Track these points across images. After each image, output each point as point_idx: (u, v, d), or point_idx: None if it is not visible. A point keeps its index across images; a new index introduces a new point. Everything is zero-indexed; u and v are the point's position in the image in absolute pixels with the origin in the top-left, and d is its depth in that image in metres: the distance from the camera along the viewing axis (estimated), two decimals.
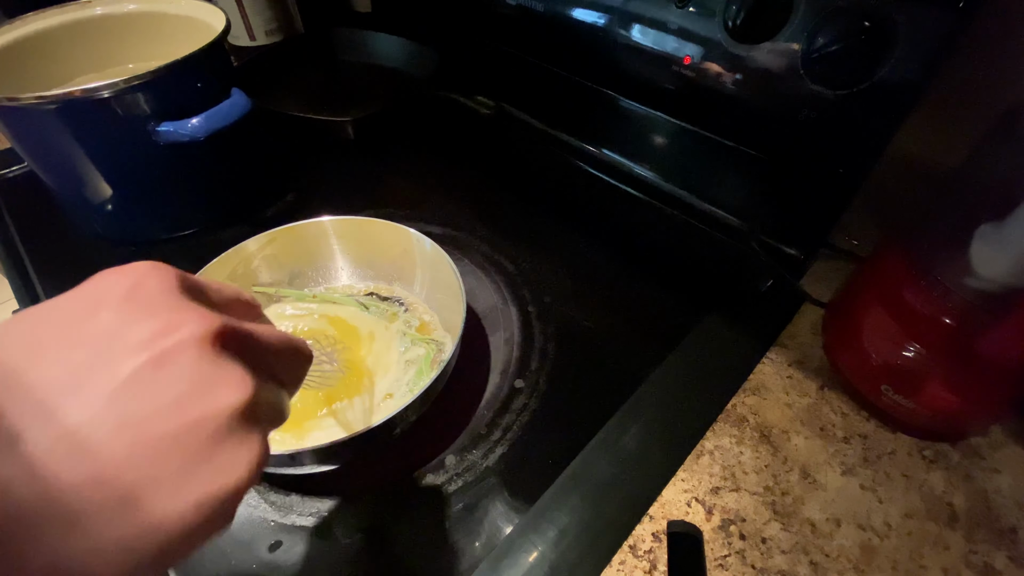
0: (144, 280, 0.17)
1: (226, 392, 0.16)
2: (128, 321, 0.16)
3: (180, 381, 0.15)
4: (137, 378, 0.15)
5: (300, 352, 0.22)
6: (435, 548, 0.34)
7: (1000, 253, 0.31)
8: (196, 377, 0.16)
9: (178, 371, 0.15)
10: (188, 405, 0.15)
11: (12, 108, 0.43)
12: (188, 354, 0.16)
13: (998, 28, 0.39)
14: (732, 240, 0.55)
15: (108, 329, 0.16)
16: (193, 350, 0.16)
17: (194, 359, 0.16)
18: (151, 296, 0.17)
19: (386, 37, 0.81)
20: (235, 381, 0.17)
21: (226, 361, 0.17)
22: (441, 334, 0.44)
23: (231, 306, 0.21)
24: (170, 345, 0.16)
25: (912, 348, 0.36)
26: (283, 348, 0.20)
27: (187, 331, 0.16)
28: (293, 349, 0.21)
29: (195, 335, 0.16)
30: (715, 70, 0.48)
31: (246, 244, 0.44)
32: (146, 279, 0.17)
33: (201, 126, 0.47)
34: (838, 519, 0.35)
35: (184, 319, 0.16)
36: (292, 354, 0.21)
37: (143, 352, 0.15)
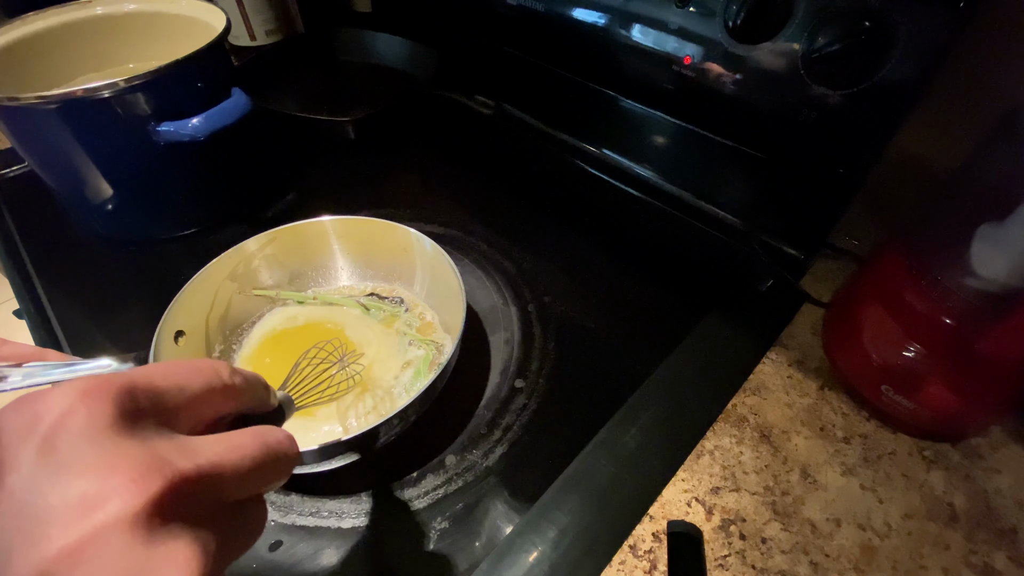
0: (66, 420, 0.13)
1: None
2: (44, 487, 0.13)
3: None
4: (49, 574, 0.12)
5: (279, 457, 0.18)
6: (435, 548, 0.34)
7: (1000, 253, 0.31)
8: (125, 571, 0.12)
9: (101, 568, 0.12)
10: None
11: (13, 108, 0.43)
12: (112, 544, 0.12)
13: (998, 28, 0.39)
14: (732, 240, 0.55)
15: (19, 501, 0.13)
16: (118, 537, 0.13)
17: (122, 549, 0.13)
18: (73, 444, 0.13)
19: (386, 37, 0.81)
20: (176, 566, 0.13)
21: (165, 542, 0.13)
22: (441, 335, 0.44)
23: (199, 402, 0.17)
24: (91, 530, 0.12)
25: (912, 348, 0.36)
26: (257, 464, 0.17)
27: (113, 509, 0.13)
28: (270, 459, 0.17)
29: (122, 514, 0.13)
30: (715, 70, 0.48)
31: (246, 244, 0.44)
32: (69, 417, 0.13)
33: (201, 126, 0.47)
34: (838, 519, 0.35)
35: (112, 484, 0.13)
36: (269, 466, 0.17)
37: (56, 543, 0.12)
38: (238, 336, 0.44)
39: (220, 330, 0.43)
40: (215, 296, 0.42)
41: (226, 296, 0.43)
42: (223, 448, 0.16)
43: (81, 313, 0.50)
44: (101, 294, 0.52)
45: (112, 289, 0.52)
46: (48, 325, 0.48)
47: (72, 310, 0.50)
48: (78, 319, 0.49)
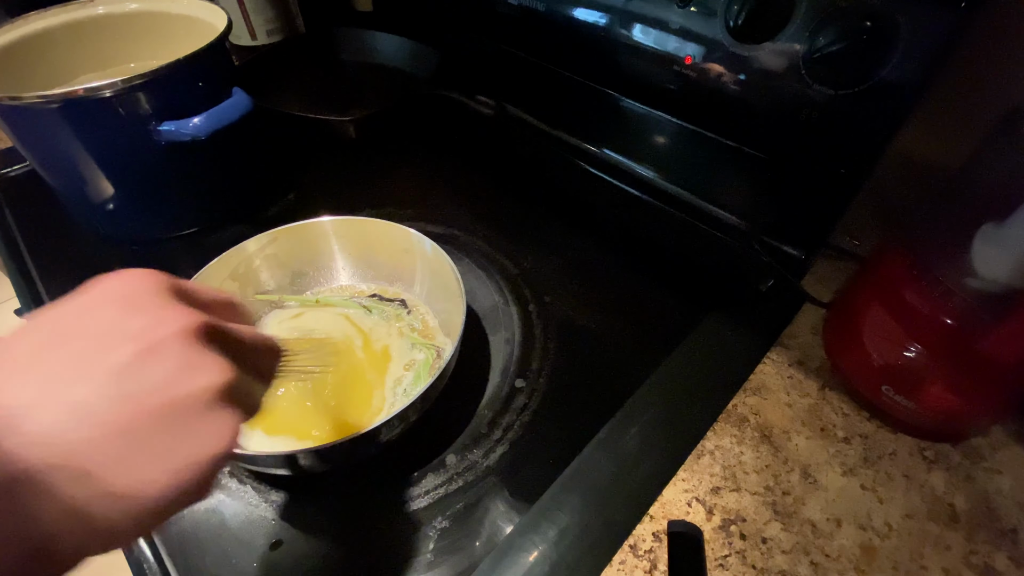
0: (138, 283, 0.20)
1: (207, 375, 0.19)
2: (124, 317, 0.19)
3: (168, 365, 0.18)
4: (133, 363, 0.18)
5: (272, 348, 0.24)
6: (436, 548, 0.34)
7: (1001, 253, 0.31)
8: (181, 362, 0.18)
9: (166, 358, 0.18)
10: (175, 385, 0.18)
11: (14, 107, 0.43)
12: (174, 344, 0.18)
13: (1000, 28, 0.39)
14: (733, 240, 0.55)
15: (108, 323, 0.18)
16: (179, 341, 0.18)
17: (179, 348, 0.18)
18: (143, 296, 0.19)
19: (387, 36, 0.81)
20: (215, 367, 0.19)
21: (207, 350, 0.19)
22: (442, 338, 0.44)
23: (214, 307, 0.23)
24: (159, 336, 0.18)
25: (913, 348, 0.36)
26: (257, 344, 0.23)
27: (173, 325, 0.19)
28: (266, 345, 0.24)
29: (180, 328, 0.19)
30: (716, 70, 0.48)
31: (246, 244, 0.44)
32: (139, 282, 0.20)
33: (202, 125, 0.47)
34: (839, 519, 0.35)
35: (171, 315, 0.19)
36: (265, 350, 0.24)
37: (137, 342, 0.18)
38: None
39: None
40: None
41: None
42: (235, 324, 0.22)
43: None
44: None
45: None
46: None
47: None
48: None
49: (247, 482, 0.38)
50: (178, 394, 0.18)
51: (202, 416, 0.18)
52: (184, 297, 0.21)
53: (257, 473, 0.38)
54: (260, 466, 0.35)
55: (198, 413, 0.18)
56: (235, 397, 0.20)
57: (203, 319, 0.20)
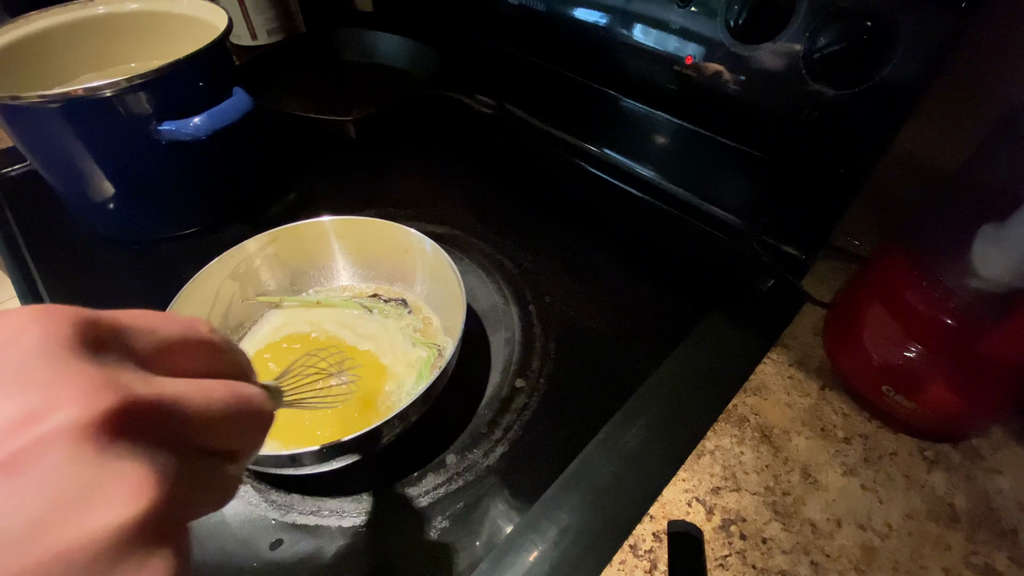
0: (19, 336, 0.12)
1: (110, 506, 0.12)
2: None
3: (44, 492, 0.11)
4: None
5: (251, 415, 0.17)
6: (436, 547, 0.34)
7: (1002, 254, 0.31)
8: (69, 485, 0.11)
9: (37, 481, 0.11)
10: (48, 532, 0.11)
11: (14, 107, 0.43)
12: (60, 452, 0.11)
13: (1000, 28, 0.39)
14: (733, 240, 0.55)
15: None
16: (63, 448, 0.12)
17: (65, 460, 0.12)
18: (23, 360, 0.12)
19: (388, 36, 0.81)
20: (129, 485, 0.12)
21: (118, 456, 0.12)
22: (442, 338, 0.44)
23: (171, 351, 0.16)
24: (34, 438, 0.11)
25: (913, 349, 0.36)
26: (225, 414, 0.16)
27: (59, 419, 0.12)
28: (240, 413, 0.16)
29: (71, 423, 0.12)
30: (717, 70, 0.48)
31: (247, 244, 0.44)
32: (22, 334, 0.13)
33: (203, 125, 0.47)
34: (839, 519, 0.35)
35: (61, 398, 0.12)
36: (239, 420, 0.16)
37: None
38: (239, 336, 0.44)
39: (221, 330, 0.43)
40: (216, 295, 0.43)
41: (227, 296, 0.43)
42: (190, 387, 0.15)
43: None
44: (102, 293, 0.52)
45: (113, 288, 0.52)
46: None
47: None
48: None
49: (247, 482, 0.38)
50: (51, 549, 0.11)
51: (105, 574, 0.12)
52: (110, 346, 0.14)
53: (257, 473, 0.38)
54: (260, 466, 0.35)
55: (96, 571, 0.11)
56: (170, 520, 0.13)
57: (118, 397, 0.12)
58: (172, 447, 0.14)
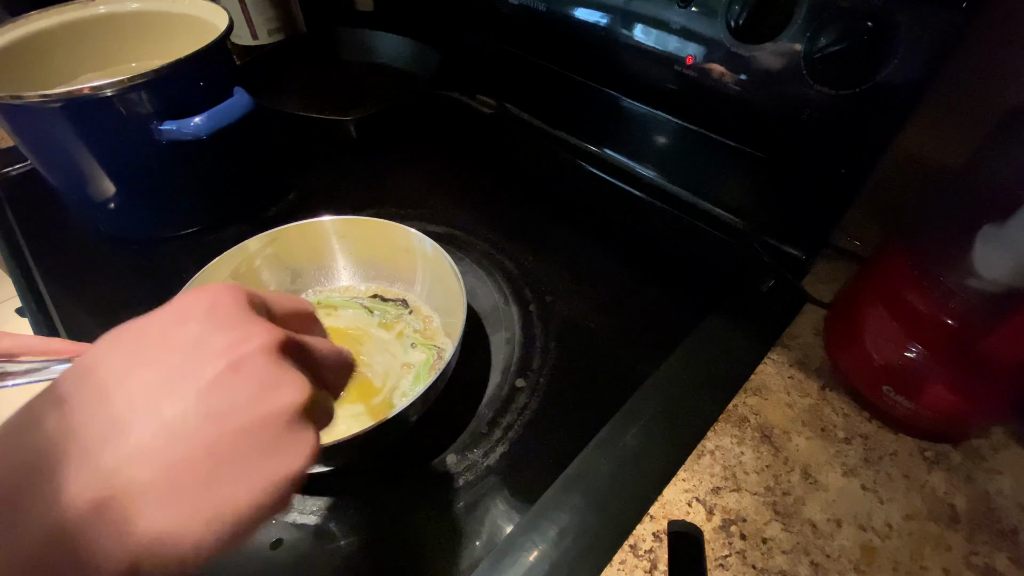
0: (221, 298, 0.20)
1: (289, 392, 0.19)
2: (210, 332, 0.19)
3: (253, 383, 0.18)
4: (219, 380, 0.18)
5: (346, 363, 0.24)
6: (436, 547, 0.34)
7: (1002, 254, 0.31)
8: (265, 380, 0.18)
9: (251, 375, 0.18)
10: (260, 403, 0.18)
11: (15, 106, 0.43)
12: (258, 360, 0.18)
13: (1001, 28, 0.39)
14: (734, 240, 0.55)
15: (194, 339, 0.18)
16: (262, 357, 0.19)
17: (263, 365, 0.19)
18: (227, 312, 0.19)
19: (388, 36, 0.81)
20: (296, 384, 0.19)
21: (288, 367, 0.19)
22: (443, 339, 0.44)
23: (291, 319, 0.23)
24: (244, 353, 0.18)
25: (914, 349, 0.36)
26: (333, 358, 0.23)
27: (257, 341, 0.19)
28: (341, 360, 0.24)
29: (264, 345, 0.19)
30: (717, 70, 0.48)
31: (247, 243, 0.44)
32: (222, 297, 0.20)
33: (204, 125, 0.47)
34: (839, 520, 0.35)
35: (255, 331, 0.19)
36: (340, 364, 0.24)
37: (223, 358, 0.18)
38: None
39: None
40: None
41: None
42: (311, 338, 0.22)
43: (83, 311, 0.50)
44: (103, 292, 0.52)
45: (114, 287, 0.52)
46: (50, 323, 0.48)
47: (74, 308, 0.50)
48: (80, 317, 0.49)
49: None
50: (262, 412, 0.18)
51: (283, 434, 0.18)
52: (264, 311, 0.21)
53: None
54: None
55: (279, 431, 0.18)
56: (313, 414, 0.20)
57: (284, 334, 0.20)
58: (309, 370, 0.21)
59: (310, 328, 0.24)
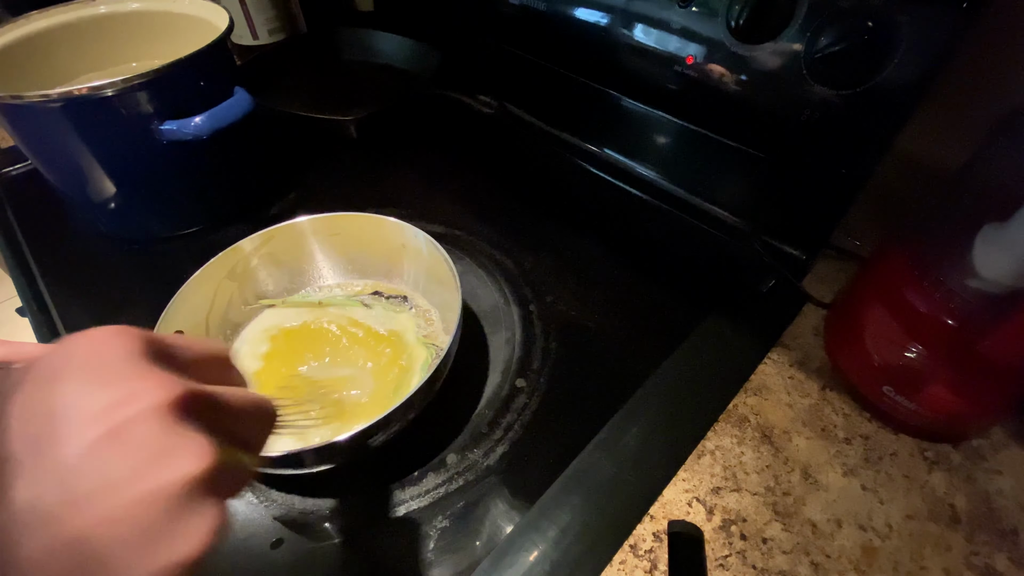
0: (106, 347, 0.17)
1: (184, 462, 0.16)
2: (86, 391, 0.16)
3: (138, 452, 0.15)
4: (95, 449, 0.15)
5: (266, 413, 0.22)
6: (436, 547, 0.34)
7: (1003, 254, 0.31)
8: (153, 447, 0.16)
9: (136, 441, 0.15)
10: (145, 476, 0.15)
11: (16, 106, 0.43)
12: (146, 424, 0.16)
13: (1002, 28, 0.39)
14: (734, 240, 0.55)
15: (66, 401, 0.16)
16: (151, 420, 0.16)
17: (152, 429, 0.16)
18: (112, 363, 0.17)
19: (389, 36, 0.81)
20: (193, 450, 0.16)
21: (185, 429, 0.17)
22: (442, 338, 0.44)
23: (200, 364, 0.20)
24: (128, 415, 0.16)
25: (914, 349, 0.36)
26: (246, 410, 0.20)
27: (145, 400, 0.16)
28: (257, 411, 0.21)
29: (153, 404, 0.16)
30: (718, 70, 0.48)
31: (241, 244, 0.44)
32: (108, 346, 0.17)
33: (204, 125, 0.47)
34: (839, 520, 0.35)
35: (143, 388, 0.16)
36: (256, 416, 0.21)
37: (99, 424, 0.15)
38: (238, 334, 0.45)
39: (221, 329, 0.43)
40: (215, 295, 0.43)
41: (226, 296, 0.43)
42: (223, 389, 0.19)
43: (84, 311, 0.50)
44: (104, 292, 0.52)
45: (115, 287, 0.52)
46: (51, 323, 0.48)
47: (75, 308, 0.50)
48: (81, 317, 0.49)
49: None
50: (149, 487, 0.15)
51: (180, 510, 0.16)
52: (164, 358, 0.18)
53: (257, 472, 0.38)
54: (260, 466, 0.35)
55: (174, 507, 0.16)
56: (217, 483, 0.17)
57: (181, 389, 0.17)
58: (215, 428, 0.18)
59: (225, 374, 0.22)
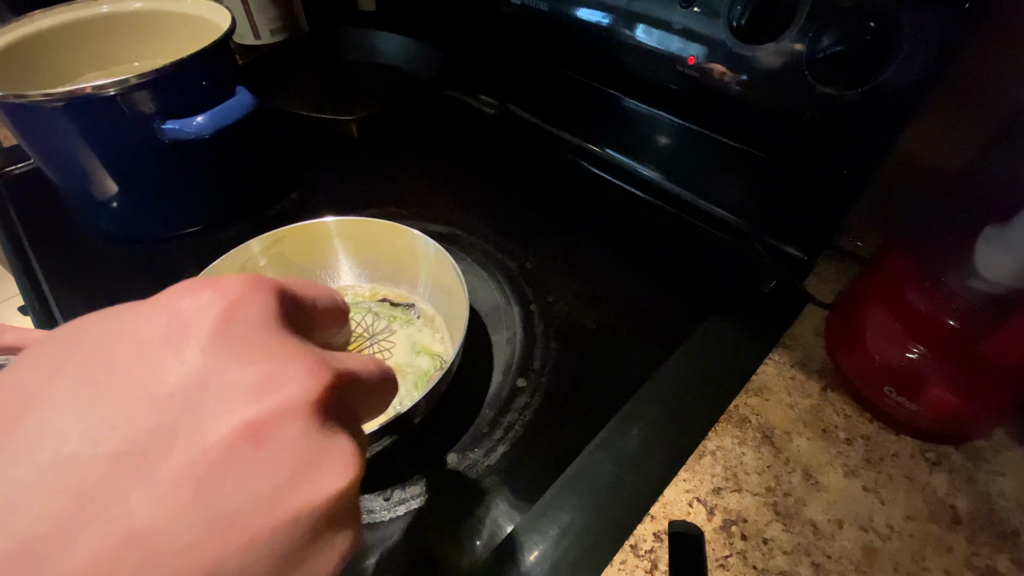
0: (241, 306, 0.13)
1: (331, 476, 0.13)
2: (220, 366, 0.12)
3: (281, 463, 0.12)
4: (229, 456, 0.11)
5: (392, 385, 0.18)
6: (436, 547, 0.34)
7: (1005, 255, 0.31)
8: (300, 457, 0.12)
9: (280, 449, 0.12)
10: (288, 496, 0.12)
11: (18, 105, 0.43)
12: (293, 426, 0.12)
13: (1004, 28, 0.39)
14: (735, 241, 0.55)
15: (194, 377, 0.12)
16: (299, 420, 0.13)
17: (299, 433, 0.12)
18: (249, 330, 0.13)
19: (390, 36, 0.81)
20: (342, 460, 0.13)
21: (333, 433, 0.13)
22: (446, 346, 0.44)
23: (326, 319, 0.17)
24: (272, 410, 0.12)
25: (915, 350, 0.36)
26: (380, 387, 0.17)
27: (293, 392, 0.13)
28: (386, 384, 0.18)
29: (302, 398, 0.13)
30: (719, 70, 0.48)
31: (250, 244, 0.44)
32: (244, 304, 0.13)
33: (206, 124, 0.47)
34: (840, 520, 0.34)
35: (290, 372, 0.13)
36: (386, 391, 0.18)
37: (238, 417, 0.12)
38: None
39: None
40: None
41: None
42: (356, 361, 0.16)
43: (85, 309, 0.49)
44: (105, 291, 0.52)
45: (116, 286, 0.53)
46: (53, 322, 0.48)
47: (76, 306, 0.50)
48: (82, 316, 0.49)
49: None
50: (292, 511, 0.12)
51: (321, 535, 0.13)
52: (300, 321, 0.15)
53: None
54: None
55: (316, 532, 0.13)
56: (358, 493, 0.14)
57: (331, 376, 0.14)
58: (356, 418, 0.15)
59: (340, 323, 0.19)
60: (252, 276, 0.14)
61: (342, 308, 0.18)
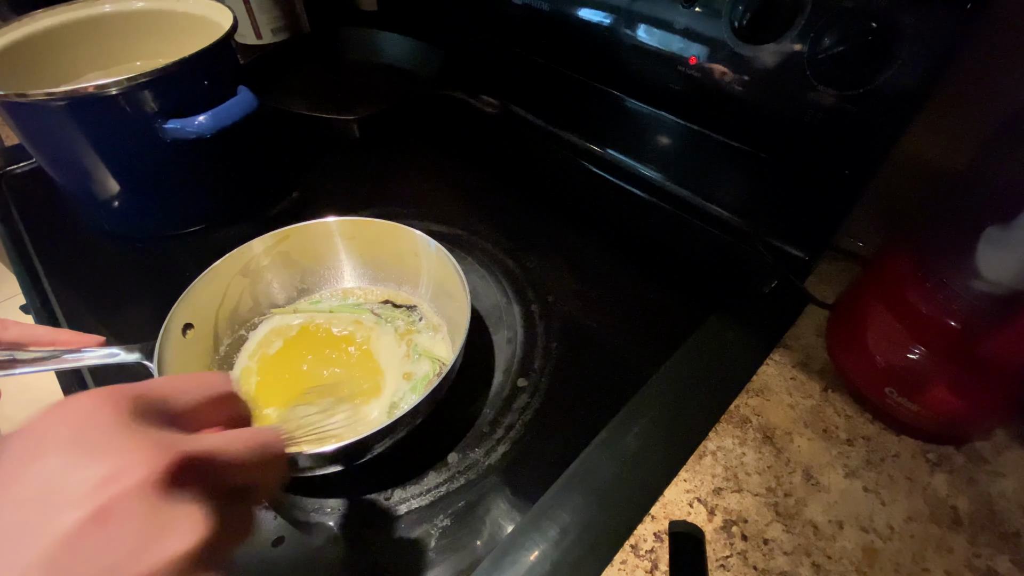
0: (93, 415, 0.16)
1: (177, 538, 0.15)
2: (70, 467, 0.15)
3: (127, 534, 0.14)
4: (79, 536, 0.14)
5: (271, 455, 0.20)
6: (437, 546, 0.34)
7: (1006, 256, 0.31)
8: (143, 527, 0.15)
9: (124, 522, 0.15)
10: (136, 561, 0.14)
11: (21, 104, 0.44)
12: (135, 502, 0.15)
13: (1005, 29, 0.39)
14: (737, 241, 0.55)
15: (48, 479, 0.15)
16: (140, 497, 0.15)
17: (141, 507, 0.15)
18: (99, 433, 0.16)
19: (392, 36, 0.82)
20: (187, 523, 0.16)
21: (177, 502, 0.16)
22: (446, 349, 0.44)
23: (199, 410, 0.19)
24: (115, 494, 0.15)
25: (916, 350, 0.36)
26: (249, 458, 0.19)
27: (134, 475, 0.15)
28: (262, 455, 0.20)
29: (142, 479, 0.15)
30: (721, 70, 0.48)
31: (253, 243, 0.44)
32: (95, 413, 0.16)
33: (208, 123, 0.47)
34: (841, 521, 0.34)
35: (132, 461, 0.15)
36: (261, 461, 0.20)
37: (85, 504, 0.14)
38: (247, 331, 0.45)
39: (229, 325, 0.44)
40: (225, 291, 0.43)
41: (236, 293, 0.44)
42: (221, 439, 0.18)
43: (87, 308, 0.50)
44: (107, 290, 0.52)
45: (117, 285, 0.53)
46: (54, 320, 0.49)
47: (78, 305, 0.50)
48: (84, 314, 0.49)
49: None
50: (146, 570, 0.14)
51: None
52: (157, 413, 0.17)
53: None
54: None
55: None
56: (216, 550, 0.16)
57: (171, 456, 0.16)
58: (213, 490, 0.17)
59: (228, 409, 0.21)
60: (107, 389, 0.17)
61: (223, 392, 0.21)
